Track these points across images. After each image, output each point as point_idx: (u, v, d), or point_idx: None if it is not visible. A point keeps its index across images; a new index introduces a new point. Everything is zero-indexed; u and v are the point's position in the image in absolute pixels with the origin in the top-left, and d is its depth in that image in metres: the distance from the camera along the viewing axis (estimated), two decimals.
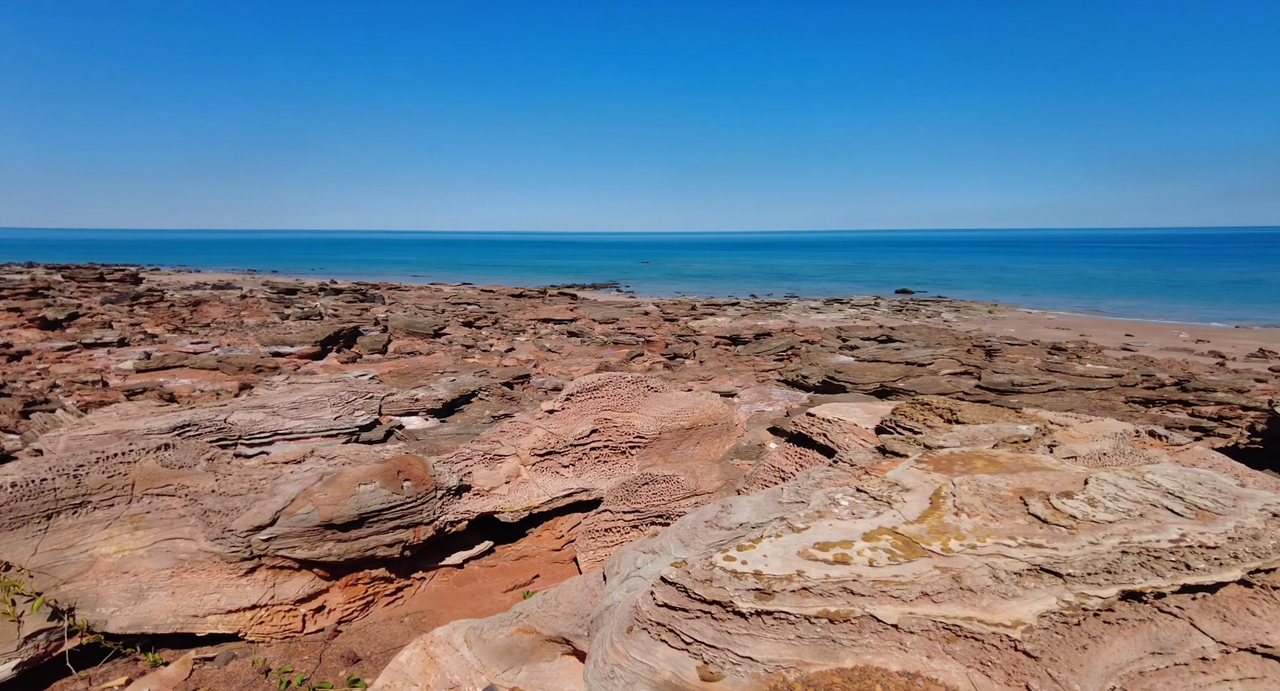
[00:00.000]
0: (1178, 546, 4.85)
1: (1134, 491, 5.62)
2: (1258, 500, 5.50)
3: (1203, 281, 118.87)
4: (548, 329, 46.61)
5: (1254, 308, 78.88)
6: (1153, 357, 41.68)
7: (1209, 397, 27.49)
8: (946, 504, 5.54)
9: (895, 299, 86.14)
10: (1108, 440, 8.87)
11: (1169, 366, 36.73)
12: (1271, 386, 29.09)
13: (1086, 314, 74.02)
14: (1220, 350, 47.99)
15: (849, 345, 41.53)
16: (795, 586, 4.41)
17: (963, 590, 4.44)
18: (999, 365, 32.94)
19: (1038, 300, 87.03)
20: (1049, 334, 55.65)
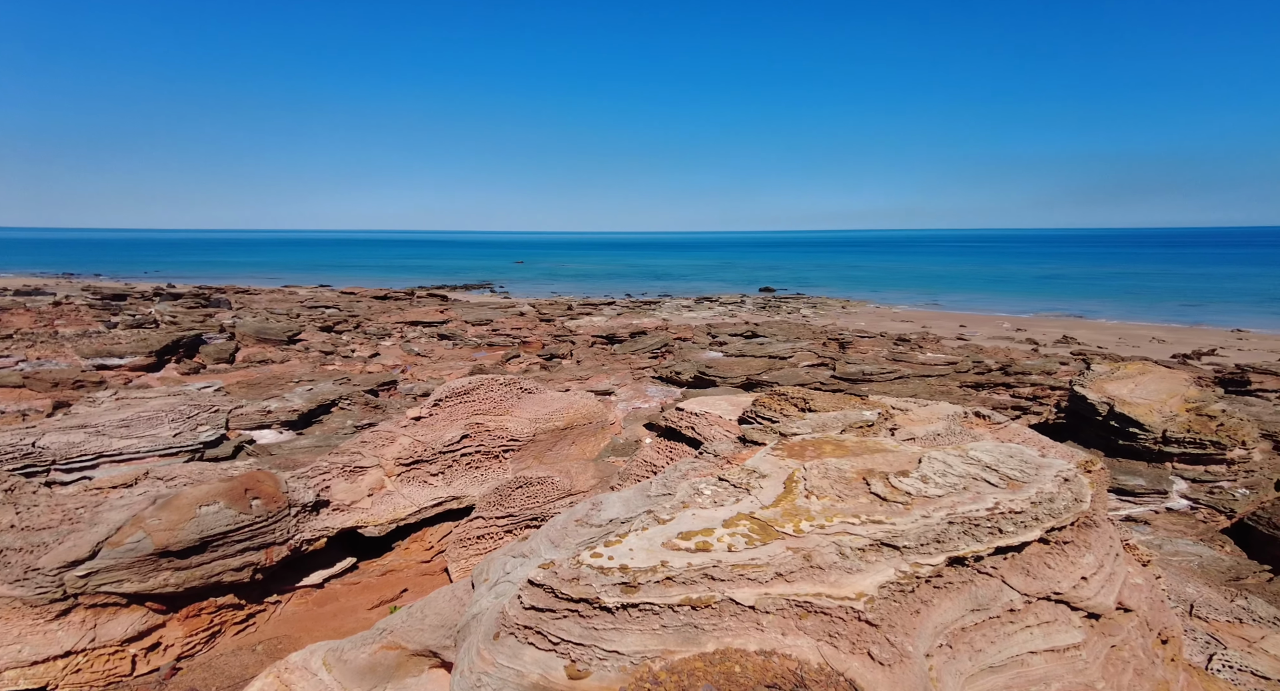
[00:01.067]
0: (993, 513, 5.46)
1: (959, 467, 6.25)
2: (1053, 468, 6.30)
3: (1021, 276, 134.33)
4: (416, 332, 44.74)
5: (1059, 299, 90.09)
6: (982, 346, 46.57)
7: (1026, 380, 31.12)
8: (799, 488, 5.90)
9: (759, 297, 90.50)
10: (941, 422, 9.81)
11: (995, 353, 41.19)
12: (1072, 368, 33.36)
13: (927, 307, 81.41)
14: (1035, 337, 54.39)
15: (718, 341, 43.15)
16: (659, 577, 4.53)
17: (813, 568, 4.75)
18: (851, 356, 35.46)
19: (885, 295, 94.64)
20: (895, 326, 60.69)
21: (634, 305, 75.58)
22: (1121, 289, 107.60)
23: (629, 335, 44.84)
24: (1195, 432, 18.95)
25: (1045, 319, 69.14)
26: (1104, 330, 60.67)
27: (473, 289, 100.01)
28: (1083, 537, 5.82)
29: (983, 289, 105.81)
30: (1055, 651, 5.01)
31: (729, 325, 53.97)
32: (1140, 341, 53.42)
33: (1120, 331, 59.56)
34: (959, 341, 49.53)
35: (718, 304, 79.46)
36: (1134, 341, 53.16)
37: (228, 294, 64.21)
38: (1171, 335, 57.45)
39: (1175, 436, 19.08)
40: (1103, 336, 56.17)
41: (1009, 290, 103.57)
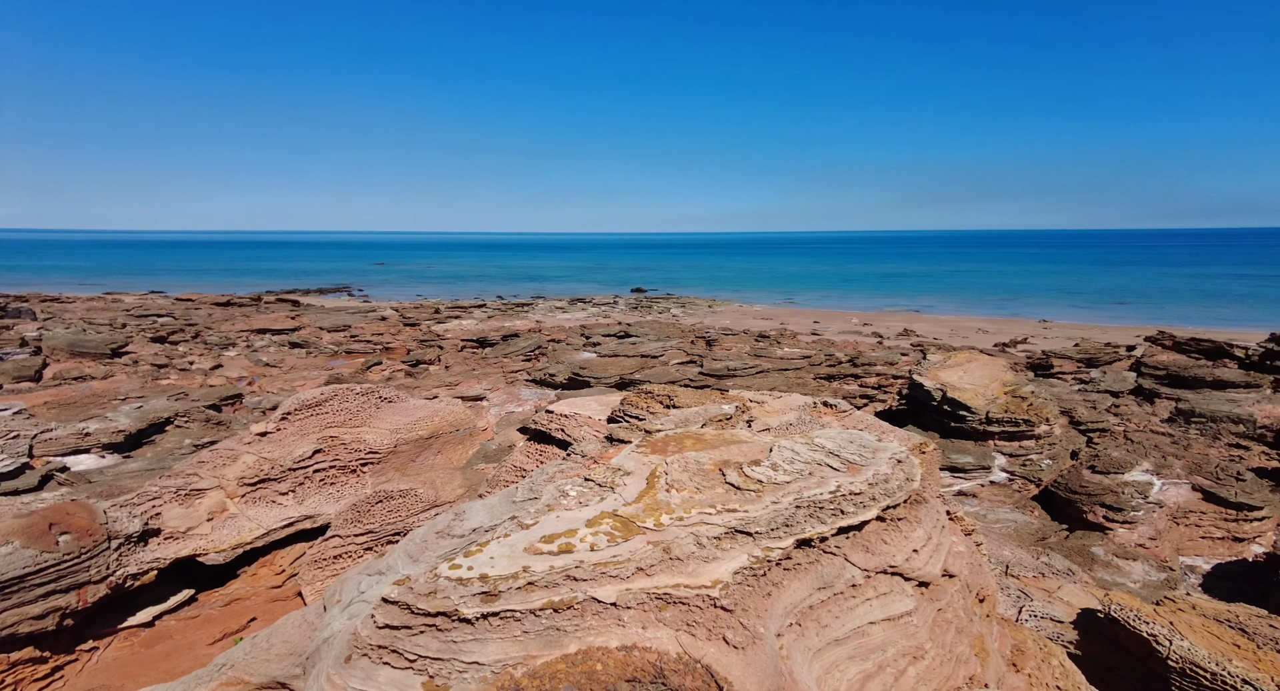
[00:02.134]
0: (835, 496, 5.89)
1: (805, 454, 6.69)
2: (888, 451, 6.89)
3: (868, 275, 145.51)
4: (264, 341, 41.37)
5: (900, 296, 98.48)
6: (833, 340, 50.03)
7: (872, 370, 33.81)
8: (660, 482, 6.07)
9: (632, 297, 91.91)
10: (794, 412, 10.43)
11: (845, 347, 44.39)
12: (912, 359, 36.63)
13: (785, 305, 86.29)
14: (880, 331, 59.09)
15: (592, 342, 43.33)
16: (521, 583, 4.49)
17: (672, 560, 4.90)
18: (717, 353, 36.89)
19: (747, 295, 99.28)
20: (757, 323, 63.83)
21: (506, 307, 74.24)
22: (953, 285, 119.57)
23: (501, 338, 43.98)
24: (1011, 413, 21.46)
25: (889, 314, 75.45)
26: (938, 323, 67.18)
27: (329, 293, 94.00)
28: (914, 513, 6.41)
29: (834, 287, 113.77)
30: (891, 620, 5.50)
31: (602, 325, 54.37)
32: (968, 332, 59.63)
33: (952, 324, 66.20)
34: (813, 336, 52.90)
35: (591, 305, 79.80)
36: (963, 333, 59.26)
37: (31, 302, 56.08)
38: (993, 326, 64.62)
39: (996, 417, 21.50)
40: (937, 329, 62.17)
41: (857, 288, 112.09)
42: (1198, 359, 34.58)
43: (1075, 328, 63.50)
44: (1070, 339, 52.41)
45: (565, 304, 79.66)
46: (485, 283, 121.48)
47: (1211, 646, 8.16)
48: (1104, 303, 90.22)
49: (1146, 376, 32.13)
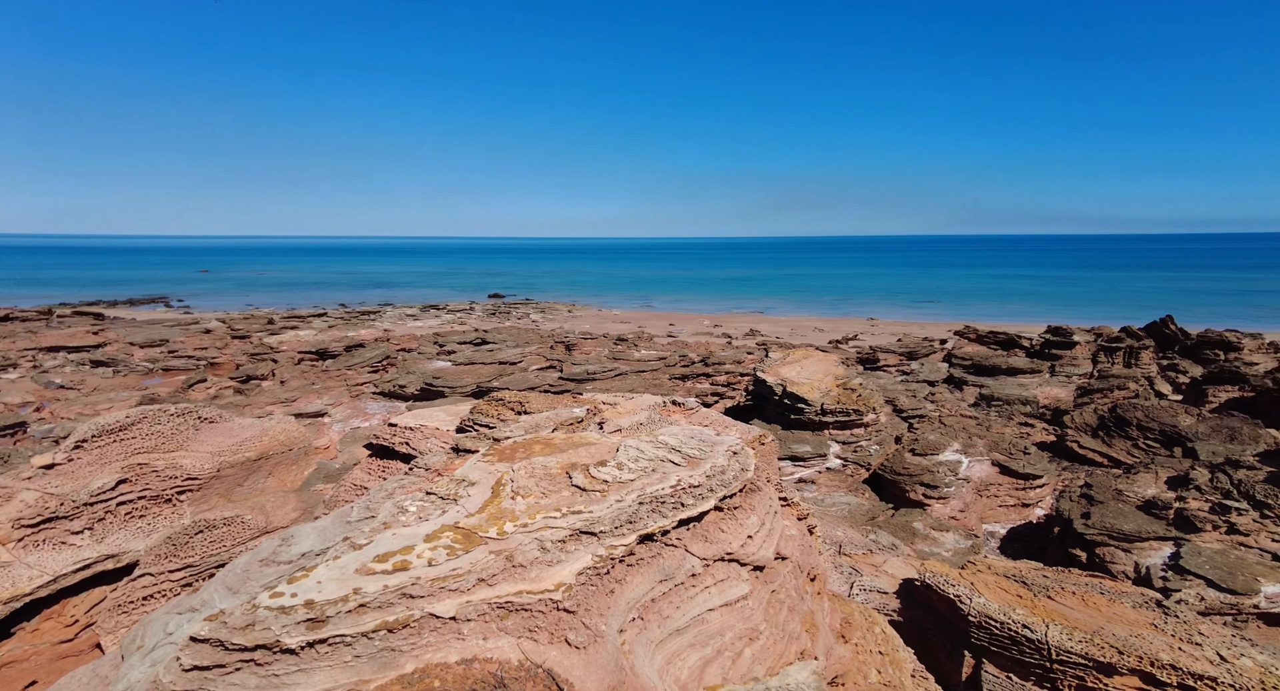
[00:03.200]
0: (676, 490, 6.12)
1: (650, 451, 6.89)
2: (725, 444, 7.27)
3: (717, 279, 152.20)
4: (57, 360, 36.02)
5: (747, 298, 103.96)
6: (687, 341, 51.88)
7: (721, 369, 35.46)
8: (506, 490, 6.00)
9: (489, 303, 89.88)
10: (644, 412, 10.70)
11: (697, 347, 46.18)
12: (757, 356, 38.84)
13: (642, 308, 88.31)
14: (729, 331, 62.03)
15: (446, 350, 41.84)
16: (351, 606, 4.26)
17: (515, 567, 4.87)
18: (577, 357, 37.00)
19: (606, 299, 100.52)
20: (616, 327, 64.80)
21: (350, 316, 69.85)
22: (792, 288, 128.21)
23: (344, 349, 41.32)
24: (843, 404, 23.34)
25: (736, 315, 79.46)
26: (780, 323, 71.74)
27: (142, 304, 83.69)
28: (749, 502, 6.80)
29: (687, 291, 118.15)
30: (729, 605, 5.80)
31: (458, 333, 52.68)
32: (807, 331, 64.18)
33: (792, 323, 70.95)
34: (669, 338, 54.57)
35: (445, 311, 77.05)
36: (802, 331, 63.70)
37: None
38: (828, 325, 70.01)
39: (830, 408, 23.30)
40: (780, 328, 66.35)
41: (708, 291, 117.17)
42: (995, 349, 39.57)
43: (898, 324, 70.39)
44: (894, 335, 57.95)
45: (417, 311, 76.33)
46: (326, 290, 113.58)
47: (1001, 599, 9.37)
48: (921, 301, 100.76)
49: (956, 366, 36.30)
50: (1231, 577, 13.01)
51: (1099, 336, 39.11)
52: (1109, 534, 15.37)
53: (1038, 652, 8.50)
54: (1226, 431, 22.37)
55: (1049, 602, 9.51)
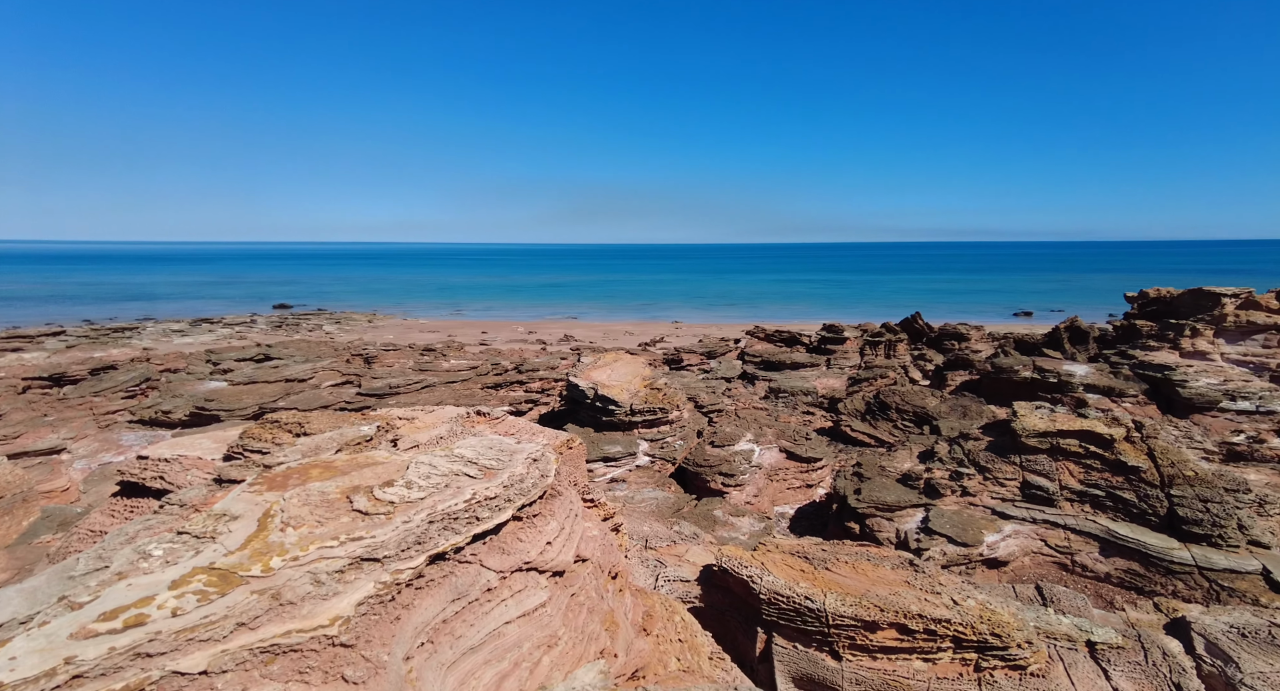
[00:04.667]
0: (470, 504, 5.93)
1: (444, 466, 6.62)
2: (524, 452, 7.20)
3: (530, 285, 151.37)
4: None
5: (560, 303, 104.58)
6: (501, 349, 50.93)
7: (535, 375, 35.28)
8: (274, 521, 5.42)
9: (274, 314, 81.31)
10: (445, 425, 10.27)
11: (511, 354, 45.52)
12: (570, 361, 39.19)
13: (452, 316, 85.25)
14: (544, 338, 61.93)
15: (222, 369, 37.14)
16: (60, 680, 3.57)
17: (283, 606, 4.40)
18: (378, 370, 34.73)
19: (412, 307, 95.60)
20: (423, 337, 61.87)
21: (98, 333, 59.57)
22: (604, 293, 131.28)
23: (90, 372, 35.10)
24: (650, 403, 24.29)
25: (551, 321, 79.63)
26: (593, 328, 73.06)
27: None
28: (548, 508, 6.78)
29: (501, 297, 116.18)
30: (526, 615, 5.74)
31: (236, 349, 47.04)
32: (618, 335, 65.98)
33: (604, 328, 72.56)
34: (482, 347, 53.22)
35: (221, 325, 68.54)
36: (614, 335, 65.39)
37: None
38: (638, 328, 72.55)
39: (639, 408, 24.13)
40: (593, 333, 67.55)
41: (522, 297, 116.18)
42: (781, 346, 43.50)
43: (699, 326, 74.84)
44: (696, 336, 61.51)
45: (185, 325, 66.94)
46: (64, 305, 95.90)
47: (787, 575, 10.27)
48: (719, 304, 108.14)
49: (749, 363, 39.34)
50: (964, 533, 15.45)
51: (865, 332, 44.60)
52: (876, 506, 17.54)
53: (818, 620, 9.44)
54: (960, 409, 26.58)
55: (827, 573, 10.60)
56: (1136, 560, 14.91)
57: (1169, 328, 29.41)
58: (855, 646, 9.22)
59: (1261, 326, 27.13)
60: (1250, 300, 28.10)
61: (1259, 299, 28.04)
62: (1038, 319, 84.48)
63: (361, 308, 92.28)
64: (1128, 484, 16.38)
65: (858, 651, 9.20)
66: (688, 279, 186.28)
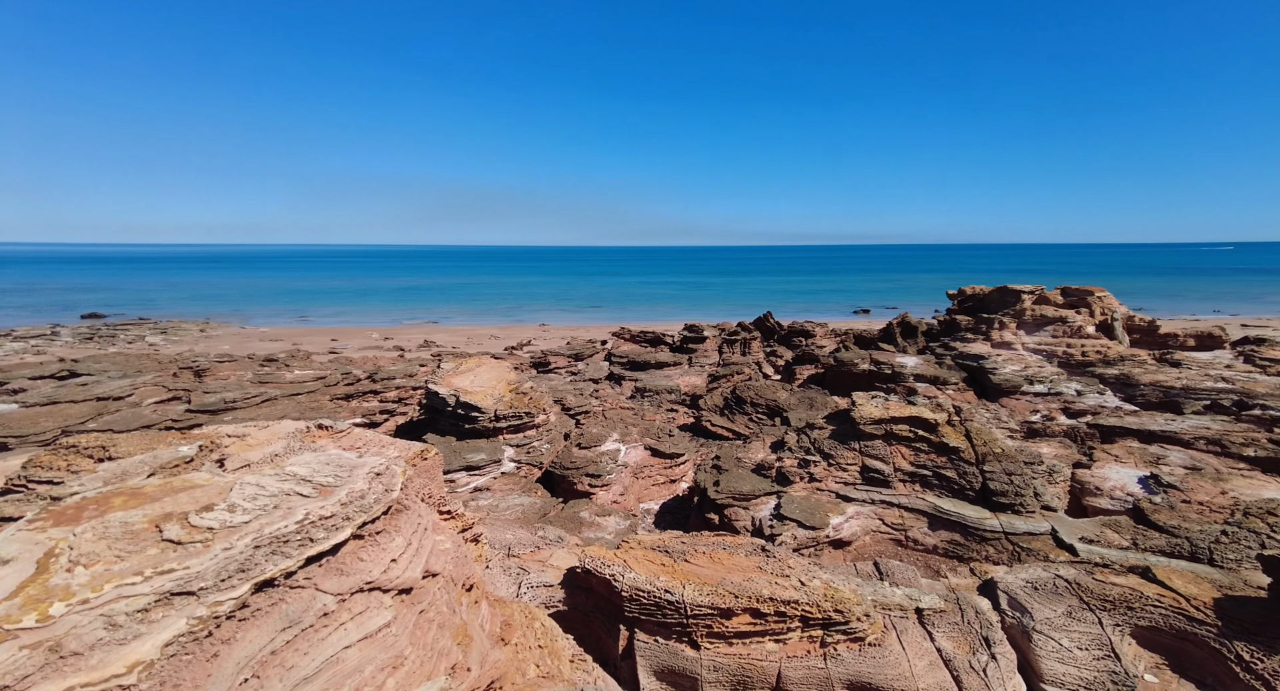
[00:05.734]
0: (303, 525, 5.52)
1: (273, 486, 6.11)
2: (366, 466, 6.81)
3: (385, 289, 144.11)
4: None
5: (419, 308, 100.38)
6: (352, 357, 47.96)
7: (391, 384, 33.54)
8: (59, 561, 4.74)
9: (84, 325, 71.52)
10: (281, 441, 9.49)
11: (364, 363, 42.99)
12: (430, 368, 37.69)
13: (298, 323, 79.13)
14: (401, 344, 59.17)
15: (12, 389, 32.09)
16: None
17: (64, 658, 3.85)
18: (210, 384, 31.55)
19: (251, 314, 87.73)
20: (264, 346, 56.95)
21: None
22: (468, 296, 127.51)
23: None
24: (515, 408, 23.87)
25: (409, 327, 76.10)
26: (456, 333, 70.71)
27: None
28: (394, 523, 6.45)
29: (352, 302, 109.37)
30: (369, 637, 5.42)
31: (31, 365, 40.83)
32: (483, 339, 64.35)
33: (468, 333, 70.45)
34: (331, 355, 49.88)
35: (11, 339, 59.47)
36: (479, 340, 63.68)
37: None
38: (503, 332, 71.14)
39: (503, 413, 23.63)
40: (456, 338, 65.40)
41: (377, 302, 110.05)
42: (646, 347, 44.39)
43: (567, 329, 74.67)
44: (564, 338, 61.32)
45: None
46: None
47: (649, 571, 10.47)
48: (586, 306, 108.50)
49: (615, 364, 39.77)
50: (812, 516, 16.52)
51: (723, 331, 46.55)
52: (733, 496, 18.32)
53: (677, 612, 9.70)
54: (808, 401, 28.42)
55: (686, 565, 10.92)
56: (957, 531, 16.65)
57: (982, 321, 33.16)
58: (713, 634, 9.56)
59: (1051, 319, 31.27)
60: (1042, 296, 32.33)
61: (1048, 295, 32.33)
62: (875, 316, 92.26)
63: (193, 316, 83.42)
64: (949, 463, 18.26)
65: (715, 638, 9.55)
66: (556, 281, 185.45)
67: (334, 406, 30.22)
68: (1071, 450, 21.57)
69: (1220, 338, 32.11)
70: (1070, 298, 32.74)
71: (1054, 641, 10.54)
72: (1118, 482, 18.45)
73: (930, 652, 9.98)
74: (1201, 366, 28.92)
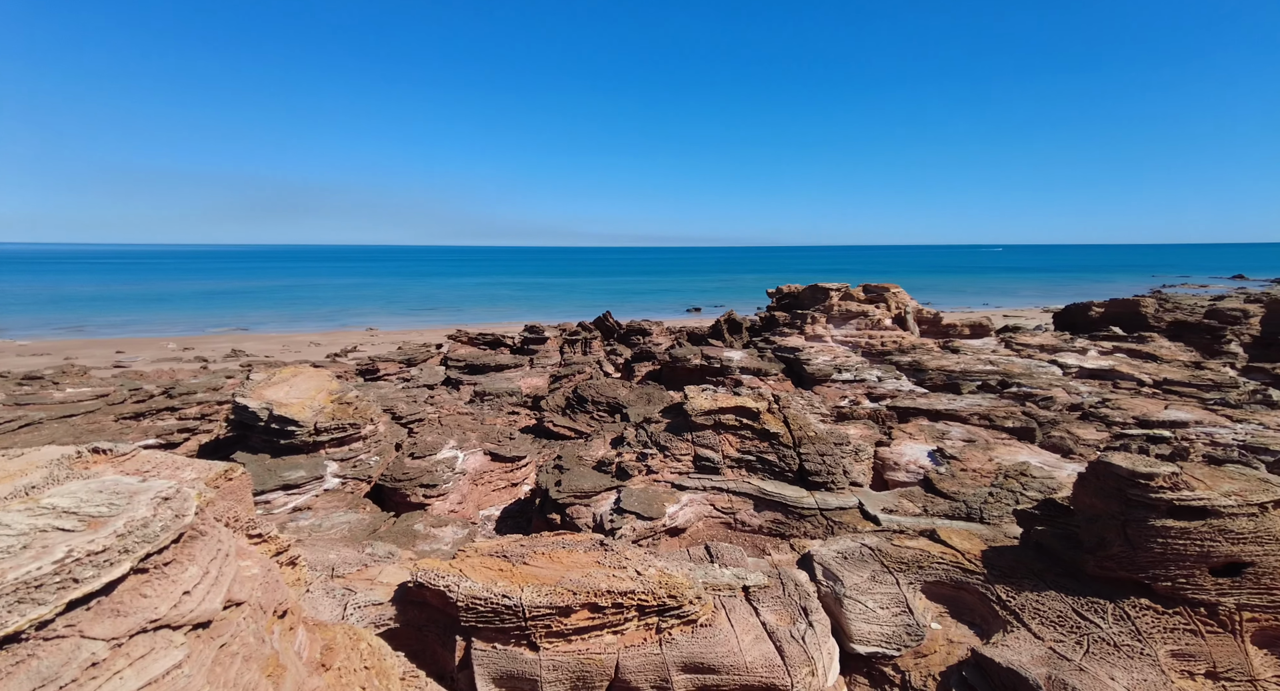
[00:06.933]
0: (63, 565, 4.77)
1: (22, 523, 5.23)
2: (151, 491, 6.04)
3: (185, 294, 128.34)
4: None
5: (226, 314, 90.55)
6: (144, 371, 42.13)
7: (192, 400, 29.91)
8: None
9: None
10: (41, 471, 8.14)
11: (159, 376, 37.95)
12: (238, 379, 34.12)
13: (71, 335, 68.04)
14: (204, 355, 53.04)
15: None
16: None
17: None
18: None
19: (7, 326, 74.18)
20: (24, 363, 48.41)
21: None
22: (284, 300, 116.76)
23: None
24: (338, 419, 22.27)
25: (214, 336, 68.31)
26: (270, 340, 64.55)
27: None
28: (186, 552, 5.80)
29: (142, 309, 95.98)
30: (153, 683, 4.82)
31: None
32: (302, 346, 59.35)
33: (284, 340, 64.59)
34: (116, 369, 43.58)
35: None
36: (296, 347, 58.64)
37: None
38: (325, 338, 66.10)
39: (324, 426, 21.93)
40: (269, 346, 59.71)
41: (174, 309, 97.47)
42: (485, 349, 43.37)
43: (398, 333, 70.88)
44: (394, 343, 58.18)
45: None
46: None
47: (486, 577, 10.25)
48: (419, 309, 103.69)
49: (452, 368, 38.44)
50: (650, 507, 17.08)
51: (564, 331, 46.64)
52: (575, 495, 18.46)
53: (515, 616, 9.59)
54: (646, 397, 29.31)
55: (525, 568, 10.83)
56: (779, 511, 18.03)
57: (797, 317, 36.09)
58: (551, 633, 9.57)
59: (855, 313, 34.75)
60: (847, 293, 35.83)
61: (852, 292, 35.89)
62: (706, 313, 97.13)
63: None
64: (771, 448, 19.70)
65: (554, 638, 9.57)
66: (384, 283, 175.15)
67: (120, 427, 26.41)
68: (874, 430, 24.14)
69: (988, 327, 37.51)
70: (870, 294, 36.62)
71: (861, 604, 11.75)
72: (912, 457, 20.94)
73: (756, 627, 10.71)
74: (974, 352, 33.61)
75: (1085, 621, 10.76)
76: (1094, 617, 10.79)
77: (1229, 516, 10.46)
